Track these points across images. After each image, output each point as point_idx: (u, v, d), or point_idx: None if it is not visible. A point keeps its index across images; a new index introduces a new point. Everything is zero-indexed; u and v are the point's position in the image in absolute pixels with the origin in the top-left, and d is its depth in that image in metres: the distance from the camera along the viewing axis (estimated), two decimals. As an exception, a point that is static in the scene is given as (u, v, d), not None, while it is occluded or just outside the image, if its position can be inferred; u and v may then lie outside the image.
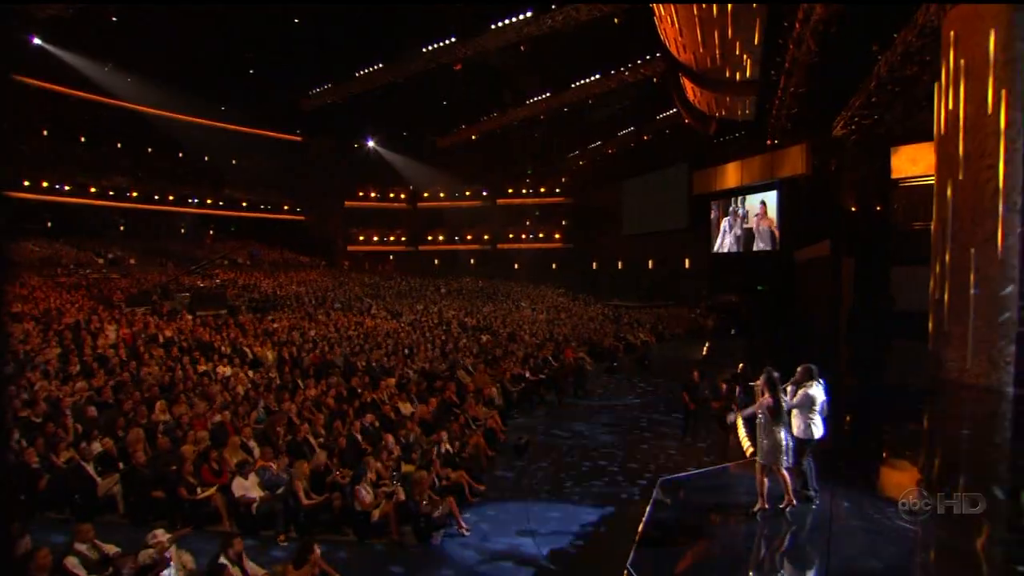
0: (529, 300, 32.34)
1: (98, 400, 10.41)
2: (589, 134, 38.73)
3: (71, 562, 5.65)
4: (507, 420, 11.70)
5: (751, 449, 9.52)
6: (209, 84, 32.35)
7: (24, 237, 30.30)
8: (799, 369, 6.25)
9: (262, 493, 7.35)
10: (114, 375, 12.04)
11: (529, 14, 24.77)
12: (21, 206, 31.21)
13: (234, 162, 39.74)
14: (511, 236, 42.39)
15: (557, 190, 42.45)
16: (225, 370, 13.34)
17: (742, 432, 10.24)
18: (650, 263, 36.46)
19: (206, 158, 38.28)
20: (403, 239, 43.96)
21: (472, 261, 42.96)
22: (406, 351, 16.35)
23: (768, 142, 23.90)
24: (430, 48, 28.07)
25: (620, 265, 38.56)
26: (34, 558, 5.41)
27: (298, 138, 40.82)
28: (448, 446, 8.52)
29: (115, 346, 14.85)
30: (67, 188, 32.44)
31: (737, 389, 10.50)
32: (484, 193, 42.87)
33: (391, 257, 43.67)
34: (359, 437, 9.07)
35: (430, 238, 43.82)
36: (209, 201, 38.51)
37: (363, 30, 26.11)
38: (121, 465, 7.87)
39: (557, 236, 41.87)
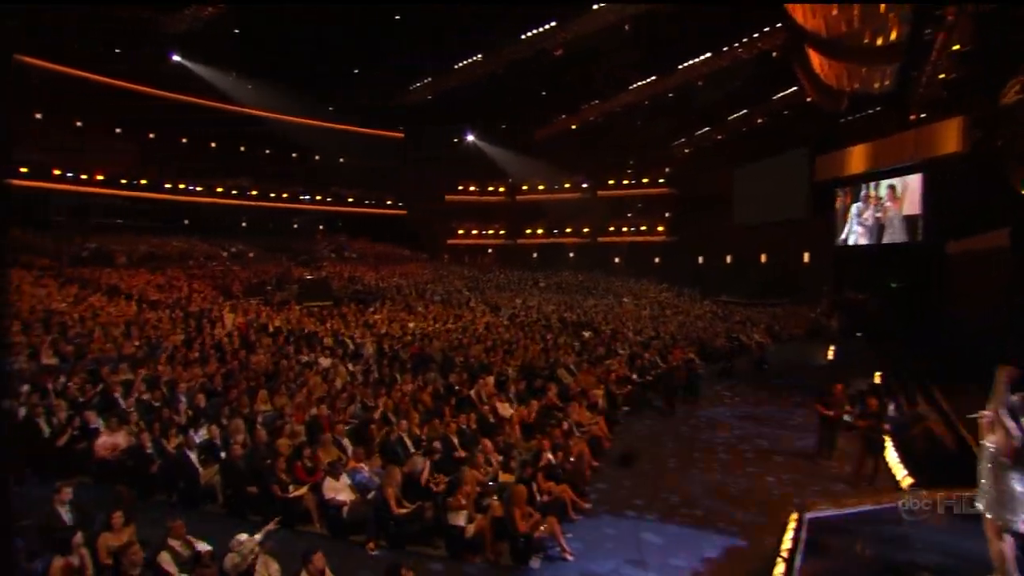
0: (631, 295, 30.90)
1: (209, 387, 10.70)
2: (697, 120, 36.28)
3: (164, 558, 5.49)
4: (612, 426, 10.73)
5: (908, 480, 7.92)
6: (318, 86, 33.88)
7: (168, 233, 33.39)
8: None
9: (353, 496, 6.97)
10: (225, 363, 12.45)
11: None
12: (166, 206, 34.43)
13: (341, 160, 41.46)
14: (611, 229, 40.82)
15: (660, 180, 40.32)
16: (325, 361, 13.45)
17: (893, 459, 8.60)
18: (763, 257, 33.57)
19: (316, 158, 40.20)
20: (502, 232, 43.77)
21: (571, 255, 41.91)
22: (505, 347, 15.77)
23: (911, 117, 20.73)
24: (530, 34, 27.34)
25: (729, 259, 35.89)
26: (127, 553, 5.30)
27: (399, 135, 41.85)
28: (551, 456, 7.71)
29: (230, 334, 15.53)
30: (199, 189, 35.27)
31: (891, 405, 8.83)
32: (584, 185, 41.62)
33: (490, 250, 43.67)
34: (455, 440, 8.51)
35: (529, 231, 43.30)
36: (318, 198, 40.46)
37: (463, 19, 25.85)
38: (223, 455, 7.83)
39: (660, 228, 39.81)
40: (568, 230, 42.08)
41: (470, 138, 41.53)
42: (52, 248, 26.63)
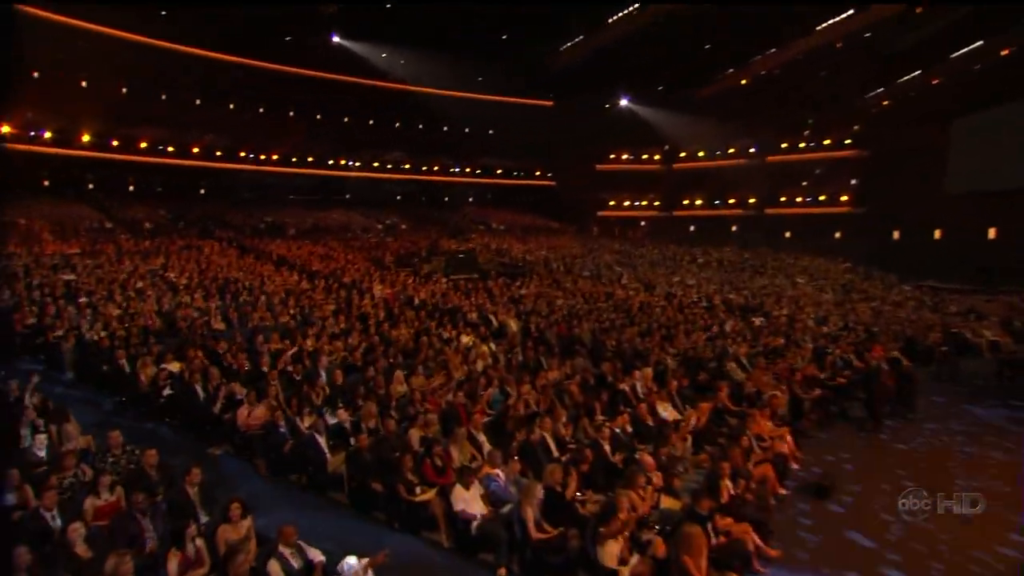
0: (806, 275, 26.86)
1: (349, 362, 10.44)
2: (902, 63, 30.10)
3: (273, 568, 4.87)
4: (799, 442, 8.60)
5: None
6: (467, 57, 33.76)
7: (331, 207, 36.00)
8: None
9: (485, 510, 5.93)
10: (368, 335, 12.26)
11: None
12: (330, 181, 37.04)
13: (490, 132, 41.39)
14: (783, 199, 36.05)
15: (847, 141, 34.51)
16: (467, 339, 12.77)
17: None
18: (991, 232, 27.19)
19: (466, 130, 40.53)
20: (656, 203, 41.07)
21: (734, 228, 38.08)
22: (663, 331, 13.98)
23: None
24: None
25: (938, 234, 29.75)
26: (233, 559, 4.73)
27: (548, 103, 40.62)
28: (731, 485, 6.03)
29: (375, 305, 15.58)
30: (357, 164, 37.31)
31: None
32: (752, 150, 37.16)
33: (642, 223, 41.24)
34: (608, 449, 7.14)
35: (686, 202, 40.06)
36: (468, 170, 40.86)
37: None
38: (352, 441, 7.27)
39: (844, 198, 34.25)
40: (731, 201, 38.13)
41: (624, 102, 39.02)
42: (239, 221, 29.65)
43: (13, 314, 12.19)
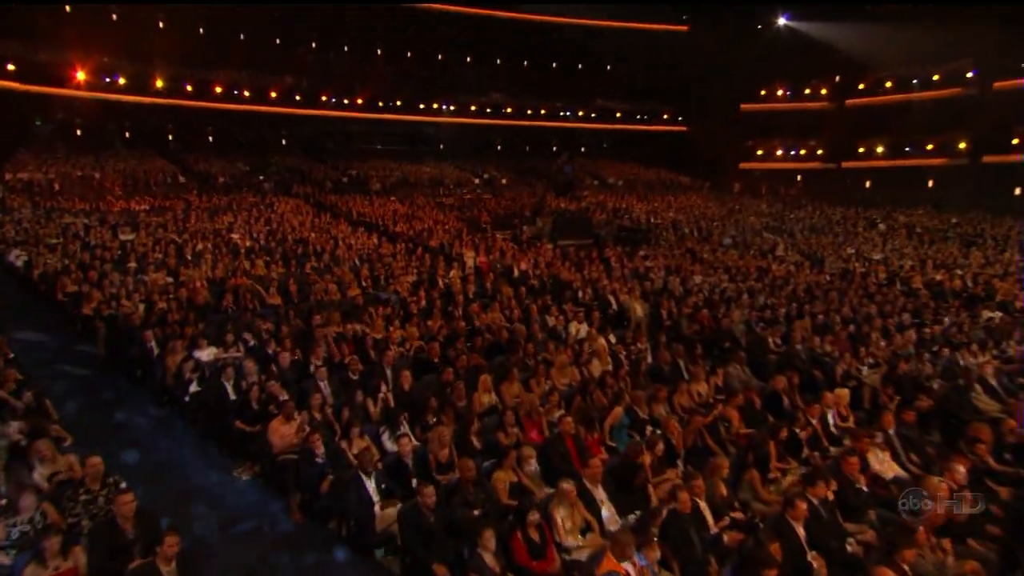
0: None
1: (423, 358, 8.89)
2: None
3: None
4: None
5: None
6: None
7: (421, 159, 35.27)
8: None
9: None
10: (451, 319, 10.69)
11: None
12: (419, 128, 36.25)
13: (608, 68, 38.44)
14: (1015, 142, 30.01)
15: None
16: (579, 328, 10.84)
17: None
18: None
19: (579, 66, 37.88)
20: (819, 152, 36.47)
21: (931, 183, 32.79)
22: (847, 328, 11.25)
23: None
24: None
25: None
26: None
27: (683, 27, 36.87)
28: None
29: (465, 277, 14.04)
30: (452, 108, 36.03)
31: None
32: (970, 74, 31.16)
33: (799, 177, 37.06)
34: (802, 532, 4.95)
35: (862, 150, 34.98)
36: (581, 114, 38.35)
37: None
38: (413, 484, 5.66)
39: None
40: (929, 147, 32.54)
41: (783, 20, 34.29)
42: (319, 175, 29.49)
43: (55, 281, 11.91)
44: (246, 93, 31.26)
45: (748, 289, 14.15)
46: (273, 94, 31.99)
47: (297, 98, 32.69)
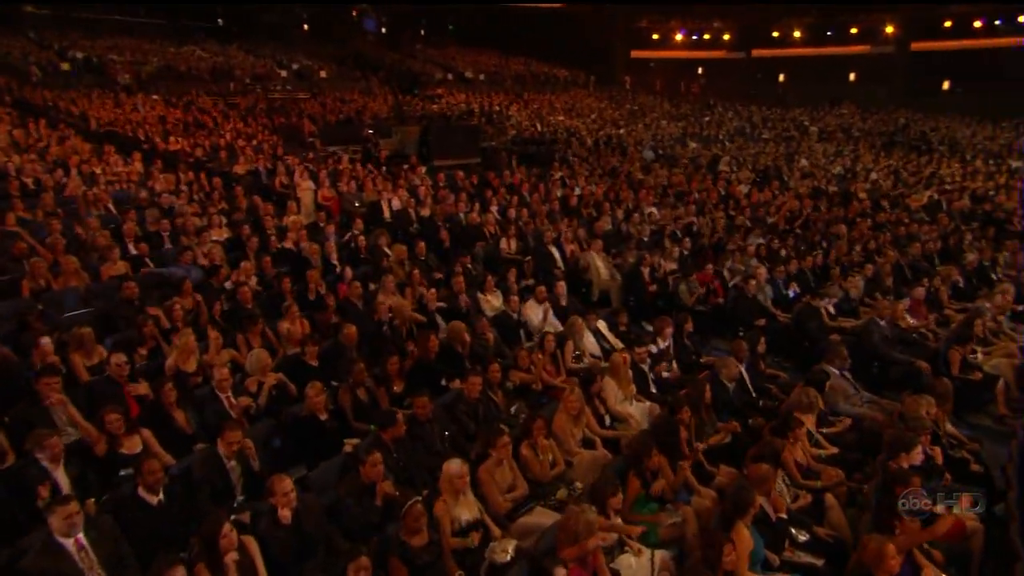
0: (1012, 151, 22.58)
1: (297, 414, 5.26)
2: None
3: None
4: None
5: None
6: None
7: (194, 39, 29.32)
8: None
9: None
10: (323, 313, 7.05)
11: None
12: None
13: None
14: (948, 25, 30.64)
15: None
16: (537, 309, 7.68)
17: None
18: None
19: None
20: (726, 38, 35.44)
21: (852, 76, 32.83)
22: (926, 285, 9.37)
23: None
24: None
25: None
26: None
27: None
28: None
29: (319, 234, 10.12)
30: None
31: None
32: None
33: (700, 70, 36.50)
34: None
35: (776, 34, 34.63)
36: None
37: None
38: None
39: None
40: (853, 31, 32.82)
41: None
42: (18, 57, 22.91)
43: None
44: None
45: (744, 227, 11.83)
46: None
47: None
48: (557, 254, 10.37)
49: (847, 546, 4.81)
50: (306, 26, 34.76)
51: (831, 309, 9.03)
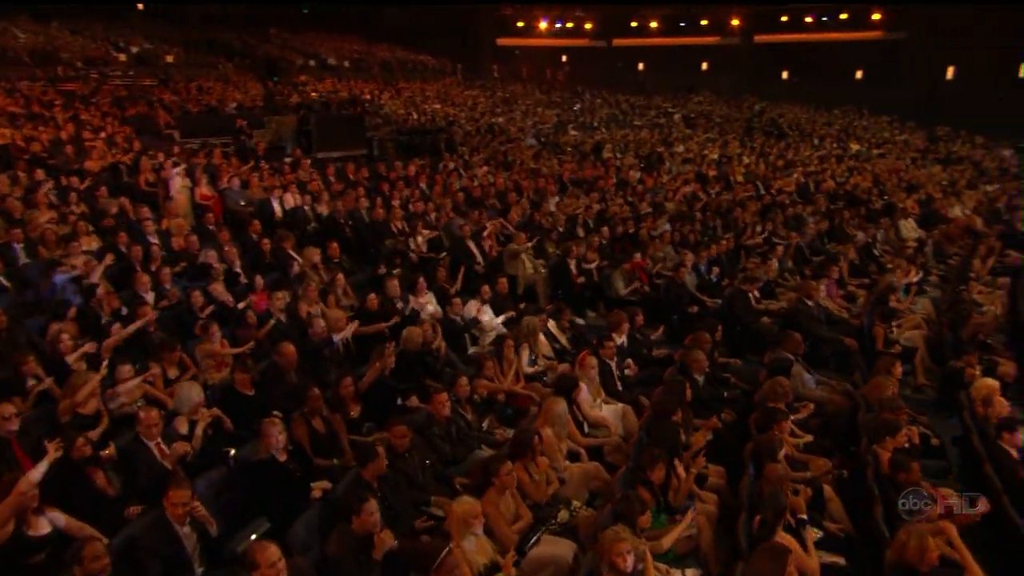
0: (850, 135, 24.37)
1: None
2: None
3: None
4: None
5: None
6: None
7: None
8: None
9: None
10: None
11: None
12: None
13: None
14: (784, 19, 32.73)
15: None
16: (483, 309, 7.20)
17: None
18: None
19: None
20: (588, 27, 36.02)
21: (704, 65, 34.40)
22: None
23: None
24: None
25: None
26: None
27: None
28: None
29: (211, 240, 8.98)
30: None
31: None
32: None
33: (564, 58, 36.91)
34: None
35: (635, 24, 35.38)
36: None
37: None
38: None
39: (876, 17, 31.65)
40: (704, 22, 34.34)
41: None
42: None
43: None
44: None
45: (650, 214, 11.82)
46: None
47: None
48: (476, 249, 9.84)
49: (853, 539, 4.73)
50: (140, 5, 31.73)
51: (756, 293, 9.10)
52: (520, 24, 36.10)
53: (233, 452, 4.82)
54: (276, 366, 5.72)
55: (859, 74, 32.54)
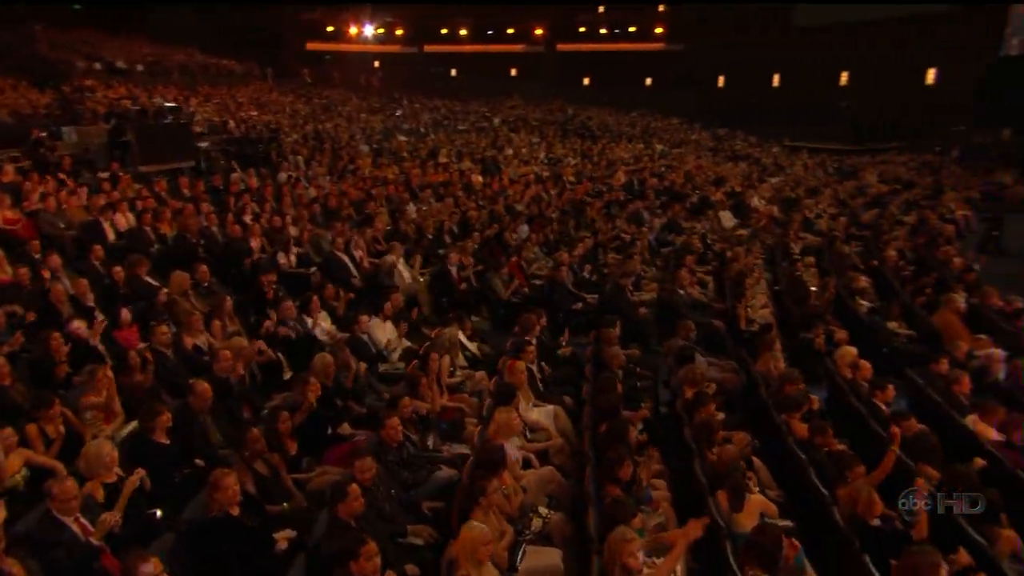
0: (655, 137, 26.10)
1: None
2: None
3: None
4: None
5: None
6: None
7: None
8: None
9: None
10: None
11: None
12: None
13: None
14: (582, 30, 34.52)
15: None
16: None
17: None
18: (843, 77, 29.98)
19: None
20: (399, 33, 35.54)
21: (514, 71, 35.70)
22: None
23: None
24: None
25: (777, 80, 32.51)
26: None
27: None
28: None
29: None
30: None
31: None
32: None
33: (377, 63, 36.24)
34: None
35: (445, 31, 35.55)
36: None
37: None
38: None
39: (658, 30, 34.19)
40: (510, 31, 35.19)
41: None
42: None
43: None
44: None
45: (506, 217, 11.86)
46: None
47: None
48: (349, 262, 9.28)
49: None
50: None
51: (630, 286, 9.43)
52: (330, 29, 34.96)
53: (160, 513, 4.16)
54: (185, 408, 4.99)
55: (648, 81, 35.26)
